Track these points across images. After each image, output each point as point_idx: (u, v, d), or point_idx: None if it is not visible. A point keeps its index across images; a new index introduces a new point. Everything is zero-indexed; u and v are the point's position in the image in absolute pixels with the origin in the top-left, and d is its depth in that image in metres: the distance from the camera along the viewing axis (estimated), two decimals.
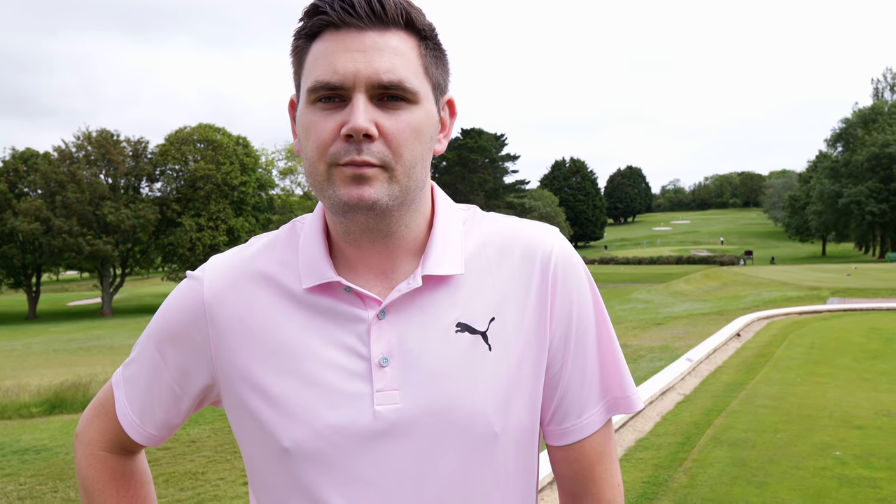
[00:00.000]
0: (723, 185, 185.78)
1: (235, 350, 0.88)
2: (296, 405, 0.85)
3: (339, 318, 0.86)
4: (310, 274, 0.87)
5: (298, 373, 0.85)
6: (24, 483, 5.42)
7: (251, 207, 50.13)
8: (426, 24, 0.85)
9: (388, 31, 0.81)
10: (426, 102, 0.84)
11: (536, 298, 0.89)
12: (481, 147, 68.73)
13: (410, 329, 0.86)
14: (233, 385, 0.89)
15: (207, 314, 0.90)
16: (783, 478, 4.50)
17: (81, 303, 56.24)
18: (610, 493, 0.95)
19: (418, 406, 0.84)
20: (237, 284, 0.90)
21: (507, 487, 0.89)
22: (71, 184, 43.41)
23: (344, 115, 0.80)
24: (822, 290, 22.52)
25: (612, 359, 0.95)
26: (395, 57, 0.80)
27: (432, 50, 0.86)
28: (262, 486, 0.90)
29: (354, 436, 0.83)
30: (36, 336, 28.93)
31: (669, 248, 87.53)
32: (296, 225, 0.94)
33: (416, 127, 0.82)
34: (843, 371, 8.47)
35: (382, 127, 0.80)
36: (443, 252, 0.88)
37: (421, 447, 0.84)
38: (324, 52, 0.81)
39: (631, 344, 12.70)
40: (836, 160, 66.57)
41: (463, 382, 0.85)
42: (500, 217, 0.96)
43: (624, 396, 0.95)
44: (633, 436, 5.79)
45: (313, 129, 0.81)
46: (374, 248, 0.87)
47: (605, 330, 0.95)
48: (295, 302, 0.88)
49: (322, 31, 0.82)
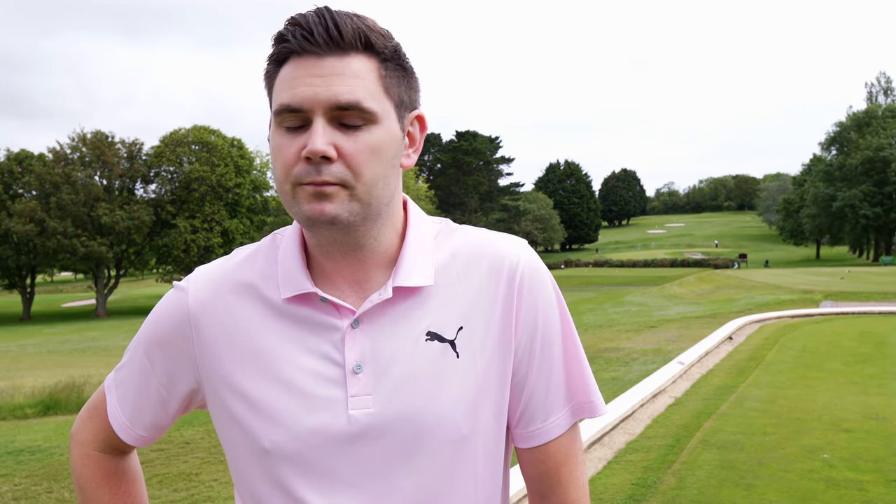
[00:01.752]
0: (717, 188, 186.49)
1: (218, 356, 0.94)
2: (275, 409, 0.90)
3: (316, 326, 0.91)
4: (288, 285, 0.92)
5: (277, 378, 0.90)
6: (19, 484, 5.44)
7: (246, 209, 50.11)
8: (387, 46, 0.88)
9: (347, 56, 0.85)
10: (387, 121, 0.87)
11: (502, 308, 0.94)
12: (476, 149, 68.81)
13: (382, 337, 0.91)
14: (216, 390, 0.95)
15: (192, 322, 0.95)
16: (771, 480, 4.55)
17: (76, 304, 56.07)
18: (575, 494, 1.00)
19: (390, 410, 0.89)
20: (220, 294, 0.95)
21: (476, 488, 0.95)
22: (66, 185, 43.35)
23: (305, 138, 0.84)
24: (816, 293, 22.64)
25: (576, 365, 1.00)
26: (352, 79, 0.84)
27: (393, 70, 0.89)
28: (244, 486, 0.96)
29: (330, 438, 0.89)
30: (30, 337, 28.85)
31: (664, 250, 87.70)
32: (276, 237, 0.99)
33: (376, 146, 0.86)
34: (833, 374, 8.54)
35: (341, 148, 0.84)
36: (413, 264, 0.92)
37: (393, 449, 0.89)
38: (287, 78, 0.86)
39: (624, 347, 12.76)
40: (830, 163, 66.86)
41: (432, 388, 0.90)
42: (472, 229, 1.01)
43: (588, 402, 1.00)
44: (623, 438, 5.85)
45: (279, 152, 0.86)
46: (346, 259, 0.92)
47: (570, 338, 0.99)
48: (274, 311, 0.93)
49: (288, 57, 0.86)
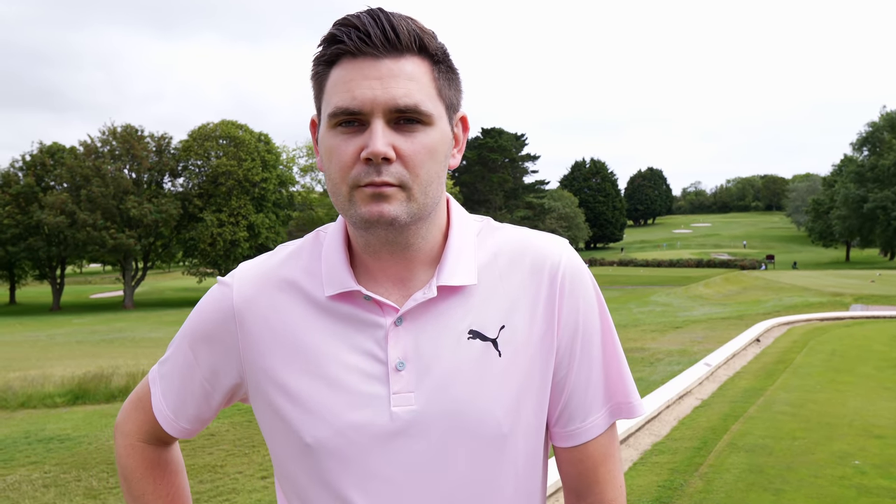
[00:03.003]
0: (745, 187, 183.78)
1: (262, 352, 0.94)
2: (318, 405, 0.91)
3: (359, 324, 0.92)
4: (332, 283, 0.93)
5: (320, 375, 0.91)
6: (49, 471, 5.54)
7: (272, 204, 50.49)
8: (438, 48, 0.89)
9: (403, 58, 0.86)
10: (440, 123, 0.89)
11: (545, 307, 0.95)
12: (501, 147, 68.60)
13: (425, 335, 0.91)
14: (259, 385, 0.95)
15: (237, 318, 0.96)
16: (800, 486, 4.47)
17: (104, 295, 57.03)
18: (612, 493, 1.01)
19: (432, 408, 0.90)
20: (264, 290, 0.96)
21: (516, 486, 0.95)
22: (96, 178, 44.07)
23: (363, 140, 0.85)
24: (845, 296, 22.23)
25: (615, 366, 1.00)
26: (409, 82, 0.85)
27: (445, 72, 0.90)
28: (286, 479, 0.96)
29: (372, 434, 0.89)
30: (60, 327, 29.40)
31: (689, 250, 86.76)
32: (319, 234, 1.00)
33: (432, 147, 0.87)
34: (865, 379, 8.37)
35: (400, 149, 0.85)
36: (457, 263, 0.93)
37: (434, 446, 0.90)
38: (343, 79, 0.85)
39: (649, 347, 12.64)
40: (861, 164, 65.50)
41: (474, 386, 0.91)
42: (512, 228, 1.02)
43: (627, 402, 1.00)
44: (649, 439, 5.79)
45: (335, 153, 0.86)
46: (393, 259, 0.92)
47: (609, 338, 1.00)
48: (318, 308, 0.94)
49: (340, 58, 0.86)
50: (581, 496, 1.01)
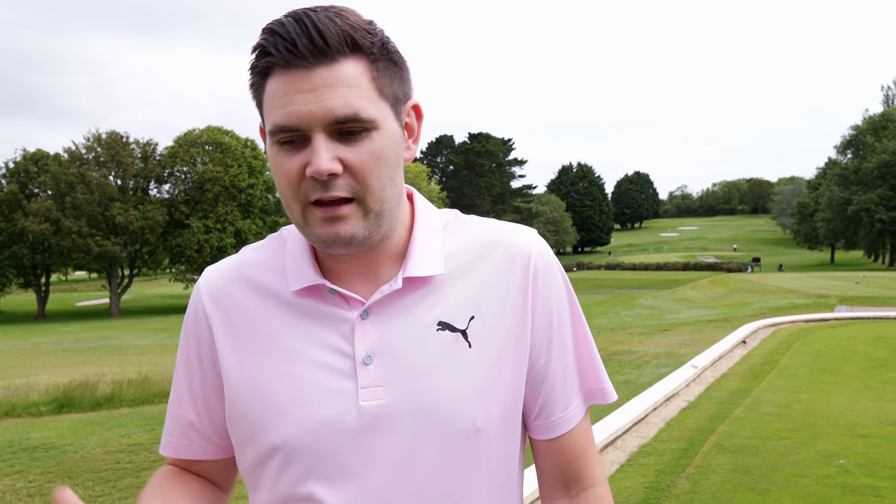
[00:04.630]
0: (731, 191, 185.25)
1: (229, 351, 0.93)
2: (285, 402, 0.89)
3: (325, 318, 0.90)
4: (296, 277, 0.92)
5: (287, 371, 0.89)
6: (34, 480, 5.48)
7: (259, 210, 50.32)
8: (374, 42, 0.84)
9: (336, 63, 0.81)
10: (386, 123, 0.85)
11: (516, 297, 0.93)
12: (488, 151, 68.75)
13: (393, 328, 0.89)
14: (227, 384, 0.94)
15: (207, 317, 0.95)
16: (786, 485, 4.51)
17: (90, 303, 56.53)
18: (601, 475, 1.02)
19: (402, 402, 0.88)
20: (227, 290, 0.95)
21: (490, 482, 0.93)
22: (80, 185, 43.74)
23: (306, 155, 0.82)
24: (830, 297, 22.44)
25: (588, 353, 1.00)
26: (346, 89, 0.81)
27: (385, 67, 0.85)
28: (254, 481, 0.94)
29: (341, 431, 0.87)
30: (45, 335, 29.11)
31: (676, 254, 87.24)
32: (282, 233, 0.99)
33: (379, 153, 0.84)
34: (849, 379, 8.46)
35: (346, 160, 0.82)
36: (423, 255, 0.92)
37: (405, 441, 0.88)
38: (277, 94, 0.82)
39: (636, 350, 12.69)
40: (845, 167, 66.16)
41: (444, 379, 0.89)
42: (481, 220, 1.00)
43: (600, 388, 1.01)
44: (636, 441, 5.81)
45: (281, 170, 0.84)
46: (357, 260, 0.91)
47: (580, 325, 1.00)
48: (282, 304, 0.92)
49: (272, 70, 0.83)
50: (569, 485, 1.00)
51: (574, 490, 1.00)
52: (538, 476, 1.04)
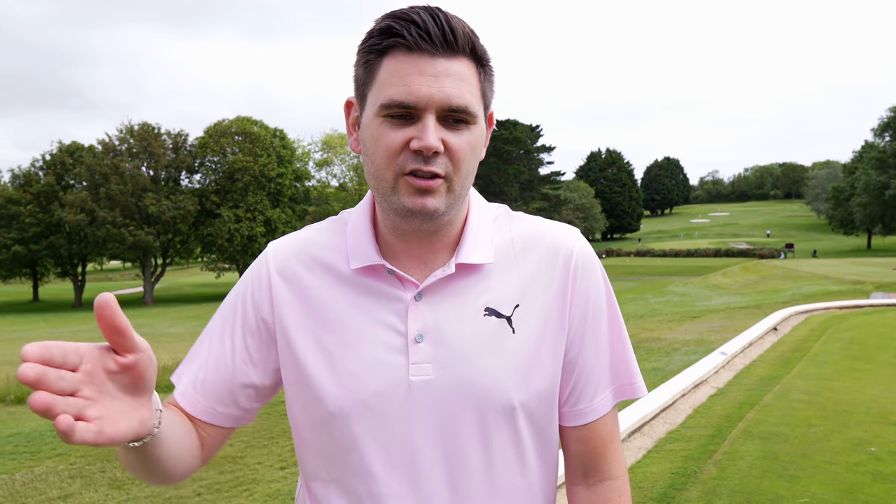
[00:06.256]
0: (763, 176, 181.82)
1: (290, 321, 1.00)
2: (341, 373, 0.96)
3: (382, 297, 0.98)
4: (357, 256, 0.99)
5: (343, 344, 0.97)
6: (75, 463, 5.67)
7: (288, 199, 50.77)
8: (485, 52, 0.94)
9: (456, 58, 0.90)
10: (480, 122, 0.94)
11: (558, 290, 1.01)
12: (516, 138, 68.30)
13: (443, 310, 0.97)
14: (286, 353, 1.01)
15: (272, 286, 1.02)
16: (815, 472, 4.47)
17: (125, 291, 57.67)
18: (620, 470, 1.07)
19: (448, 378, 0.95)
20: (291, 264, 1.03)
21: (525, 457, 1.00)
22: (114, 176, 44.57)
23: (413, 131, 0.89)
24: (866, 284, 21.96)
25: (621, 348, 1.06)
26: (461, 83, 0.90)
27: (487, 75, 0.95)
28: (307, 447, 1.02)
29: (392, 402, 0.95)
30: (82, 323, 29.83)
31: (707, 240, 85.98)
32: (343, 215, 1.07)
33: (474, 144, 0.93)
34: (883, 367, 8.30)
35: (448, 143, 0.90)
36: (475, 244, 0.99)
37: (449, 414, 0.96)
38: (398, 72, 0.89)
39: (665, 337, 12.60)
40: (883, 150, 64.47)
41: (488, 360, 0.96)
42: (528, 217, 1.08)
43: (630, 383, 1.07)
44: (664, 427, 5.81)
45: (382, 141, 0.91)
46: (420, 242, 0.99)
47: (615, 322, 1.06)
48: (342, 281, 1.00)
49: (392, 50, 0.90)
50: (588, 474, 1.06)
51: (592, 479, 1.06)
52: (564, 461, 1.10)
